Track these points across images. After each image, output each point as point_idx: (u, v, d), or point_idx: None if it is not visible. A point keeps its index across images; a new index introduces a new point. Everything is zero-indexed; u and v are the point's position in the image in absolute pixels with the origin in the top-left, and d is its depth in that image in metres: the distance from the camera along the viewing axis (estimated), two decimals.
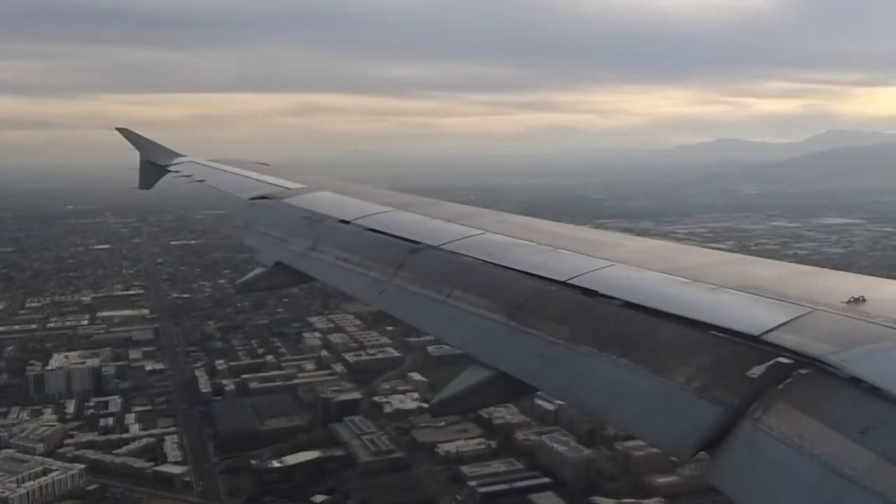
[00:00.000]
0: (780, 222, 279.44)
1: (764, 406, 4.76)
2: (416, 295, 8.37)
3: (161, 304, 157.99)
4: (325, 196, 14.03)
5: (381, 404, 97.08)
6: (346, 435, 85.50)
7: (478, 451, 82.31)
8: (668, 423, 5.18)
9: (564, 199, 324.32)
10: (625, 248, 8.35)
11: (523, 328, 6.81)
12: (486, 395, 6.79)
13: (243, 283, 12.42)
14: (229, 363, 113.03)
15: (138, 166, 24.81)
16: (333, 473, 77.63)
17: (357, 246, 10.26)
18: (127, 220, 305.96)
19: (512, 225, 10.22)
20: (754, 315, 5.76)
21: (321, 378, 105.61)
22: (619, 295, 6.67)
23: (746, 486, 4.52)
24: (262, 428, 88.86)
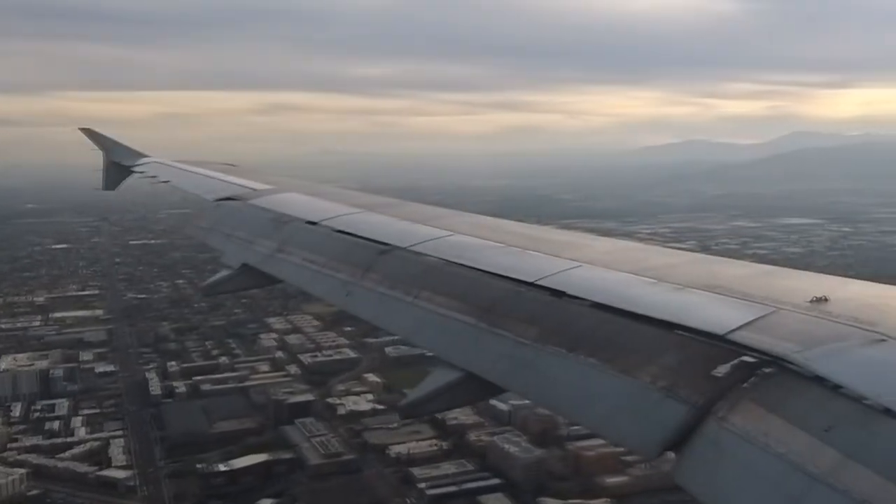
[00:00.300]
0: (742, 222, 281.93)
1: (729, 405, 4.77)
2: (385, 296, 8.33)
3: (116, 305, 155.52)
4: (292, 197, 13.90)
5: (334, 406, 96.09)
6: (296, 437, 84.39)
7: (429, 452, 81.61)
8: (635, 422, 5.19)
9: (531, 200, 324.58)
10: (592, 249, 8.39)
11: (492, 329, 6.81)
12: (454, 396, 6.78)
13: (209, 285, 12.25)
14: (182, 365, 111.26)
15: (102, 167, 24.62)
16: (282, 476, 76.46)
17: (324, 248, 10.21)
18: (87, 220, 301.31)
19: (481, 226, 10.22)
20: (719, 314, 5.79)
21: (275, 380, 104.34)
22: (587, 295, 6.71)
23: (711, 484, 4.52)
24: (211, 431, 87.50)
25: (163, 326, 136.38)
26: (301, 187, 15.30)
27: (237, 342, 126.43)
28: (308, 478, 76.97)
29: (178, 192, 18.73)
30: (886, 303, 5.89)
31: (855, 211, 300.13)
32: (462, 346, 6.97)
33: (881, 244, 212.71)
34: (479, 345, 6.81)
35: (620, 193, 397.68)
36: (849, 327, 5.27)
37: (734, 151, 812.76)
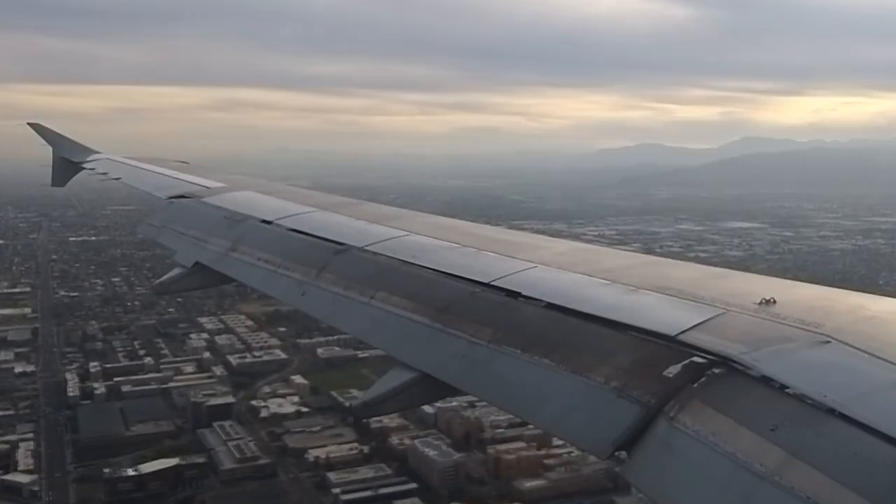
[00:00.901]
0: (687, 225, 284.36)
1: (679, 404, 4.80)
2: (340, 296, 8.21)
3: (46, 303, 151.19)
4: (246, 196, 13.70)
5: (258, 408, 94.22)
6: (213, 441, 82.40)
7: (349, 456, 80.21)
8: (588, 422, 5.17)
9: (483, 200, 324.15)
10: (547, 251, 8.40)
11: (447, 329, 6.77)
12: (409, 396, 6.71)
13: (160, 283, 11.89)
14: (104, 365, 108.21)
15: (51, 162, 23.73)
16: (192, 481, 74.51)
17: (279, 247, 10.04)
18: (28, 215, 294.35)
19: (437, 226, 10.19)
20: (670, 316, 5.85)
21: (199, 381, 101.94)
22: (542, 296, 6.71)
23: (662, 483, 4.55)
24: (126, 434, 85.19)
25: (91, 325, 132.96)
26: (255, 185, 15.15)
27: (166, 342, 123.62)
28: (220, 483, 75.22)
29: (129, 189, 18.28)
30: (832, 305, 5.97)
31: (798, 216, 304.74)
32: (417, 347, 6.91)
33: (819, 248, 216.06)
34: (433, 345, 6.77)
35: (572, 195, 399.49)
36: (795, 329, 5.39)
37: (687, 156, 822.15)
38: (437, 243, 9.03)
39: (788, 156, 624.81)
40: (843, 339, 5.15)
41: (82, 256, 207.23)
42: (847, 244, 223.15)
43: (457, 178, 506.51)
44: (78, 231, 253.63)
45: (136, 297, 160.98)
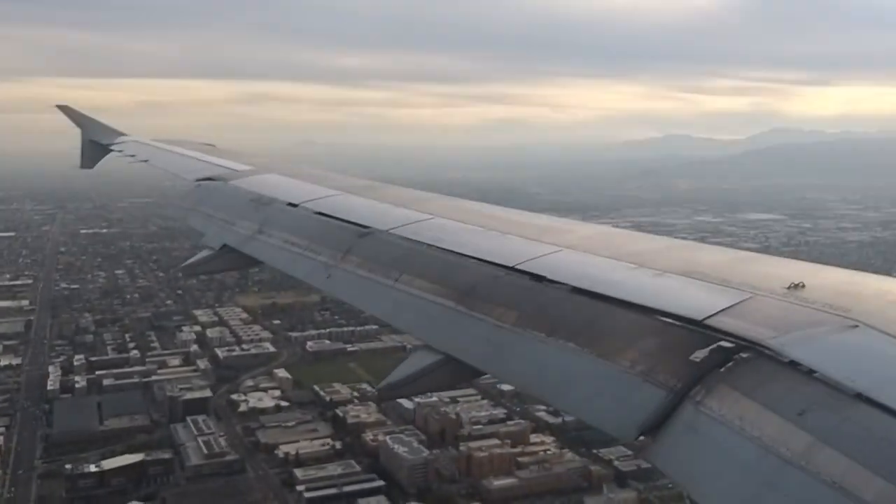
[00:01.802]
0: (705, 217, 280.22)
1: (706, 389, 4.80)
2: (365, 279, 8.27)
3: (45, 295, 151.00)
4: (273, 178, 13.78)
5: (237, 402, 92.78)
6: (184, 436, 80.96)
7: (320, 452, 78.41)
8: (613, 406, 5.17)
9: (500, 193, 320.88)
10: (573, 234, 8.32)
11: (471, 312, 6.78)
12: (433, 379, 6.77)
13: (189, 265, 11.90)
14: (90, 358, 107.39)
15: (80, 144, 24.02)
16: (157, 477, 73.10)
17: (305, 229, 10.15)
18: (44, 208, 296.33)
19: (462, 210, 10.20)
20: (697, 300, 5.80)
21: (183, 375, 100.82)
22: (567, 280, 6.68)
23: (687, 467, 4.55)
24: (100, 429, 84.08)
25: (85, 318, 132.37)
26: (282, 169, 15.12)
27: (158, 335, 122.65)
28: (185, 479, 73.71)
29: (152, 175, 18.66)
30: (860, 290, 5.87)
31: (819, 207, 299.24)
32: (441, 329, 6.93)
33: (836, 240, 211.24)
34: (458, 328, 6.78)
35: (592, 187, 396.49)
36: (823, 313, 5.30)
37: (714, 147, 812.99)
38: (462, 226, 9.04)
39: (817, 146, 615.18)
40: (871, 323, 5.05)
41: (90, 249, 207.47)
42: (865, 235, 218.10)
43: (476, 171, 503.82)
44: (90, 223, 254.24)
45: (137, 289, 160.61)
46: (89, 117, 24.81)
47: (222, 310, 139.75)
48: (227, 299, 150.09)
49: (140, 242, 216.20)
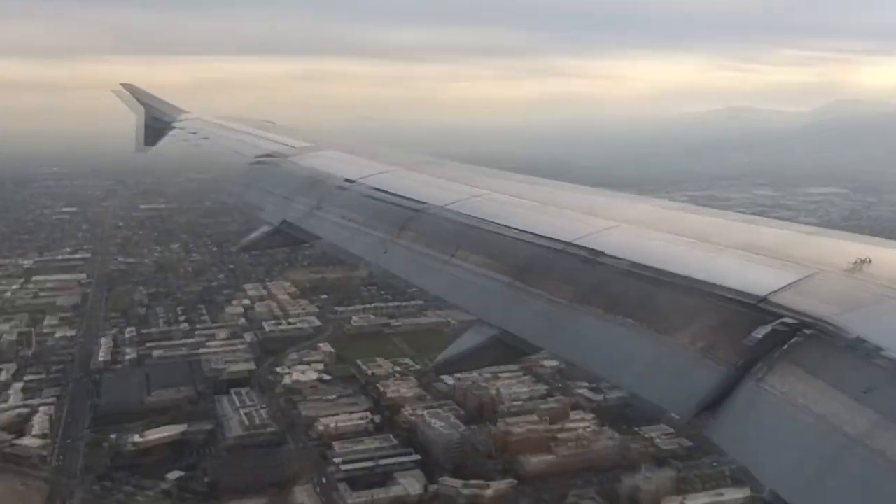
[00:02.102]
0: (765, 192, 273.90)
1: (767, 367, 4.77)
2: (420, 255, 8.38)
3: (102, 270, 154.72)
4: (330, 155, 14.05)
5: (280, 376, 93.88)
6: (226, 408, 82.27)
7: (358, 426, 78.93)
8: (671, 383, 5.17)
9: (552, 168, 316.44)
10: (631, 210, 8.32)
11: (527, 289, 6.79)
12: (488, 354, 6.76)
13: (248, 241, 12.28)
14: (140, 331, 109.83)
15: (143, 122, 24.51)
16: (198, 449, 74.47)
17: (361, 206, 10.27)
18: (105, 183, 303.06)
19: (518, 185, 10.25)
20: (759, 276, 5.75)
21: (229, 348, 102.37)
22: (625, 256, 6.65)
23: (747, 445, 4.54)
24: (146, 400, 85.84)
25: (139, 292, 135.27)
26: (339, 145, 15.40)
27: (208, 309, 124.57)
28: (226, 450, 74.92)
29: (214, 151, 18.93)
30: None
31: (885, 181, 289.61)
32: (497, 305, 6.91)
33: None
34: (514, 304, 6.76)
35: (648, 162, 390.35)
36: (890, 290, 5.22)
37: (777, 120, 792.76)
38: (518, 202, 9.05)
39: (883, 119, 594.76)
40: None
41: (147, 224, 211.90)
42: None
43: (529, 146, 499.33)
44: (148, 199, 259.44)
45: (190, 263, 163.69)
46: (152, 95, 25.25)
47: (271, 284, 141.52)
48: (277, 274, 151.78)
49: (195, 218, 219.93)
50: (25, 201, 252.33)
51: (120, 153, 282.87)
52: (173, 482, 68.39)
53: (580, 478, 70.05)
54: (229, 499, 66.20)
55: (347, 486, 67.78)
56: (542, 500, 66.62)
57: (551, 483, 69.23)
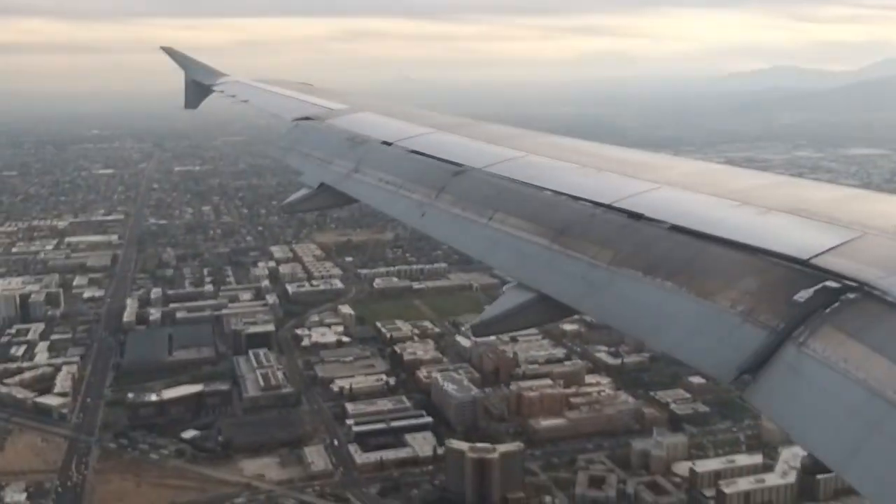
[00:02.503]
0: (805, 152, 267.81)
1: (809, 330, 4.73)
2: (458, 217, 8.37)
3: (134, 231, 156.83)
4: (368, 117, 14.11)
5: (301, 337, 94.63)
6: (245, 368, 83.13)
7: (374, 387, 79.39)
8: (712, 345, 5.15)
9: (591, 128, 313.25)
10: (673, 171, 8.22)
11: (566, 251, 6.82)
12: (526, 316, 6.81)
13: (288, 203, 12.40)
14: (167, 292, 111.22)
15: (183, 86, 24.95)
16: (215, 408, 75.50)
17: (399, 168, 10.31)
18: (143, 146, 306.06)
19: (556, 146, 10.17)
20: (803, 238, 5.68)
21: (252, 309, 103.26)
22: (666, 218, 6.60)
23: (788, 408, 4.53)
24: (168, 360, 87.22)
25: (167, 253, 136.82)
26: (376, 107, 15.42)
27: (234, 269, 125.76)
28: (242, 410, 75.86)
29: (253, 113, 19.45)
30: None
31: None
32: (535, 268, 6.97)
33: None
34: (552, 266, 6.80)
35: (688, 122, 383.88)
36: None
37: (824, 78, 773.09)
38: (557, 164, 8.97)
39: None
40: None
41: (181, 186, 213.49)
42: None
43: (569, 106, 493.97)
44: (184, 161, 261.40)
45: (220, 225, 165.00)
46: (192, 58, 25.43)
47: (298, 246, 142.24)
48: (305, 236, 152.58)
49: (228, 180, 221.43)
50: (64, 163, 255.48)
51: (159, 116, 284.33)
52: (188, 441, 69.41)
53: (592, 441, 69.73)
54: (241, 458, 67.14)
55: (358, 446, 68.22)
56: (552, 463, 66.38)
57: (562, 446, 69.04)
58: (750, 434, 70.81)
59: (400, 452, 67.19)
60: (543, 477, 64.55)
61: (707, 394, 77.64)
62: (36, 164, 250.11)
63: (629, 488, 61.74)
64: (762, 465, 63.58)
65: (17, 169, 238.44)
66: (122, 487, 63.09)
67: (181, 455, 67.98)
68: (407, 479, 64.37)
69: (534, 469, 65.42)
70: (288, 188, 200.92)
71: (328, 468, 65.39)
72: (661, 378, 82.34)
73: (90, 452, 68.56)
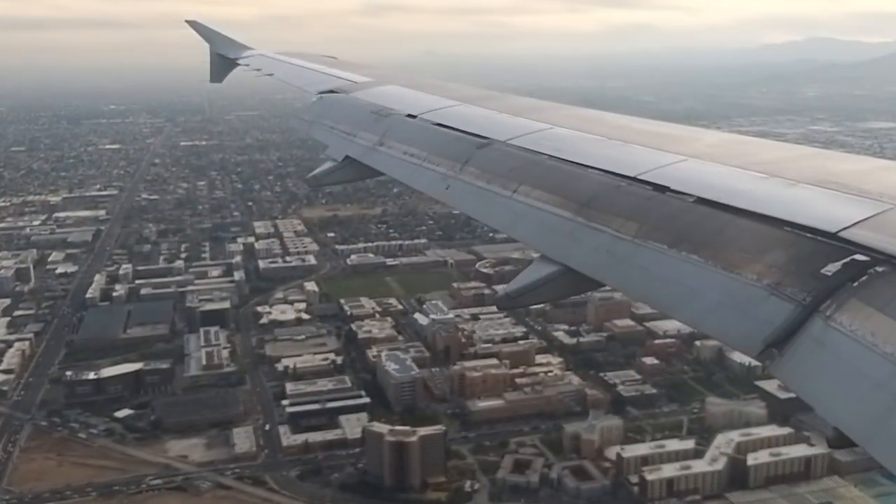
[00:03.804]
0: (822, 126, 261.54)
1: (837, 303, 4.68)
2: (483, 190, 8.38)
3: (124, 206, 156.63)
4: (392, 90, 14.05)
5: (260, 314, 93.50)
6: (193, 346, 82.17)
7: (320, 367, 78.00)
8: (738, 319, 5.12)
9: (609, 101, 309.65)
10: (699, 143, 8.17)
11: (590, 223, 6.78)
12: (551, 289, 6.77)
13: (313, 177, 12.37)
14: (137, 268, 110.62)
15: (209, 59, 24.93)
16: (154, 387, 74.61)
17: (424, 141, 10.31)
18: (156, 121, 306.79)
19: (581, 119, 10.12)
20: (832, 211, 5.59)
21: (218, 285, 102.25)
22: (692, 191, 6.51)
23: (814, 382, 4.50)
24: (121, 337, 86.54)
25: (149, 229, 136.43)
26: (400, 79, 15.35)
27: (212, 245, 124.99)
28: (182, 389, 74.90)
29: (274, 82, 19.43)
30: None
31: None
32: (560, 240, 6.95)
33: None
34: (576, 239, 6.78)
35: (709, 95, 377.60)
36: None
37: (859, 50, 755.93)
38: (582, 136, 8.91)
39: None
40: None
41: (183, 160, 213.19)
42: None
43: (590, 79, 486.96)
44: (192, 136, 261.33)
45: (211, 200, 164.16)
46: (217, 32, 25.25)
47: (281, 222, 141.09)
48: (293, 212, 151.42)
49: (231, 155, 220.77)
50: (74, 138, 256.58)
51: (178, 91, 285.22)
52: (120, 420, 68.64)
53: (530, 424, 67.88)
54: (170, 438, 66.26)
55: (289, 427, 66.99)
56: (483, 446, 64.66)
57: (498, 428, 67.28)
58: (693, 418, 68.62)
59: (328, 434, 65.82)
60: (472, 460, 62.87)
61: (658, 375, 75.51)
62: (46, 140, 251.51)
63: (553, 473, 59.85)
64: (693, 451, 61.38)
65: (26, 144, 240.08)
66: (44, 466, 62.46)
67: (111, 434, 67.20)
68: (330, 462, 62.99)
69: (462, 452, 63.79)
70: (288, 162, 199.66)
71: (252, 450, 64.21)
72: (615, 358, 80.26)
73: (22, 430, 68.07)
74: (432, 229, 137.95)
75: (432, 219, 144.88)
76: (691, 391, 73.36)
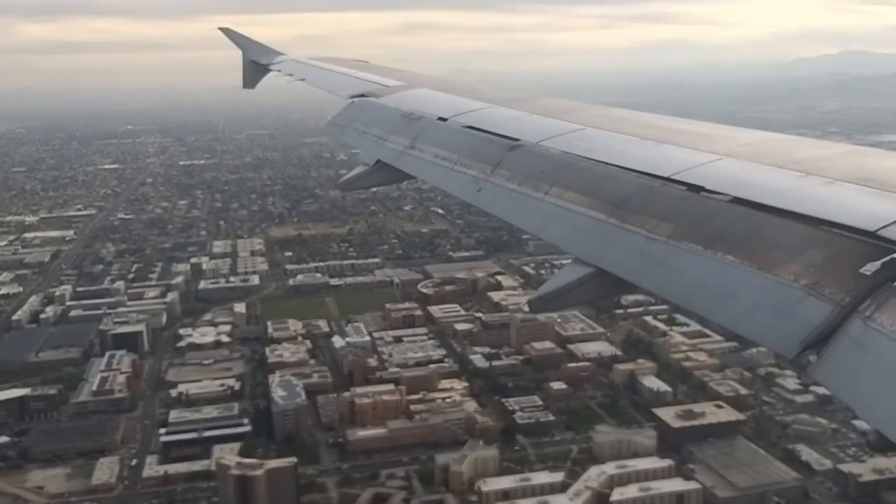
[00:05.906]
0: (832, 140, 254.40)
1: (876, 303, 4.54)
2: (514, 192, 8.27)
3: (95, 226, 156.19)
4: (423, 93, 13.93)
5: (181, 336, 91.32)
6: (94, 371, 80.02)
7: (215, 393, 75.40)
8: (775, 320, 4.97)
9: None
10: (734, 142, 7.91)
11: (624, 225, 6.65)
12: (584, 291, 6.65)
13: (345, 181, 12.49)
14: (76, 289, 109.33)
15: (241, 66, 25.20)
16: (39, 413, 72.47)
17: (455, 144, 10.18)
18: (164, 140, 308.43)
19: (613, 119, 9.95)
20: (871, 209, 5.42)
21: (149, 307, 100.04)
22: (727, 190, 6.36)
23: (854, 384, 4.41)
24: (30, 360, 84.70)
25: (107, 248, 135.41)
26: (431, 83, 15.14)
27: (164, 265, 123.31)
28: (68, 416, 72.65)
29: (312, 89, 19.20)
30: None
31: None
32: (592, 242, 6.86)
33: None
34: (610, 241, 6.69)
35: (725, 110, 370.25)
36: None
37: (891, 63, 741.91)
38: (614, 136, 8.82)
39: None
40: None
41: (174, 180, 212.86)
42: None
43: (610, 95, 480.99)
44: (194, 155, 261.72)
45: (185, 219, 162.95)
46: (248, 38, 25.52)
47: (242, 241, 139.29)
48: (261, 231, 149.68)
49: (224, 173, 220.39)
50: (76, 158, 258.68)
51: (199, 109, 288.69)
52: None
53: (410, 453, 64.42)
54: (35, 468, 64.03)
55: (157, 458, 64.32)
56: (350, 478, 61.28)
57: (376, 459, 63.92)
58: (584, 447, 64.64)
59: (193, 465, 62.92)
60: (334, 493, 59.54)
61: (562, 401, 71.64)
62: (50, 160, 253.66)
63: None
64: (561, 485, 57.38)
65: (30, 165, 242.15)
66: None
67: None
68: (187, 496, 60.03)
69: (327, 485, 60.53)
70: (276, 181, 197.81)
71: (111, 481, 61.51)
72: (526, 383, 76.61)
73: None
74: (393, 248, 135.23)
75: (398, 237, 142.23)
76: (592, 418, 69.39)
